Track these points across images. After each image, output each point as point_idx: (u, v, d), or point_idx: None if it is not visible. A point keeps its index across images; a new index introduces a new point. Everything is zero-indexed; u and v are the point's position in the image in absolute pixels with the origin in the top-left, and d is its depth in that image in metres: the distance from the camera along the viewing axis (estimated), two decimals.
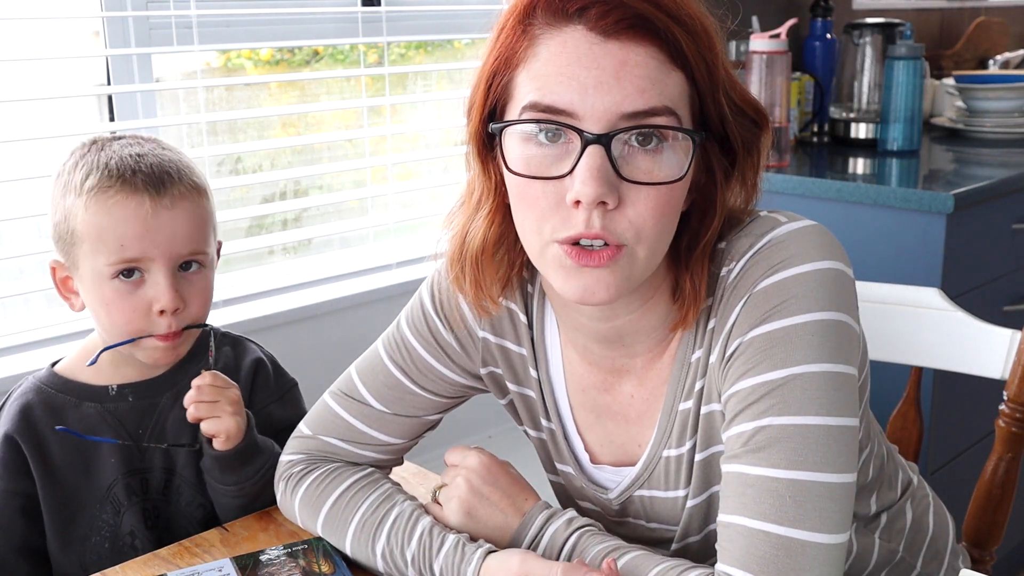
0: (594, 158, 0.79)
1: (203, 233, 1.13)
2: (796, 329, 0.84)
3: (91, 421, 1.14)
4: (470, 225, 0.91)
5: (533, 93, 0.81)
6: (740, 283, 0.87)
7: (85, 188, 1.08)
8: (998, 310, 2.07)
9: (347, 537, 1.00)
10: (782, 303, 0.85)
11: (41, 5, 1.68)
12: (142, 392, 1.16)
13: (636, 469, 0.98)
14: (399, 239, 2.18)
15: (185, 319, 1.12)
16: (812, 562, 0.80)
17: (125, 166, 1.09)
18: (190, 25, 1.77)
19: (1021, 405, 1.21)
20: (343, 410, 1.07)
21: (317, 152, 2.09)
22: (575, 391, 1.01)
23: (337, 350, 1.94)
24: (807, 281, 0.85)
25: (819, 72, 2.56)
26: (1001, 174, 2.00)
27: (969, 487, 1.28)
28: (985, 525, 1.26)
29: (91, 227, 1.08)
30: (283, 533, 1.08)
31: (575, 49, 0.79)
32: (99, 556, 1.14)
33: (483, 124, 0.87)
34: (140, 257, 1.08)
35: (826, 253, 0.87)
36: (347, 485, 1.03)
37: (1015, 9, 3.66)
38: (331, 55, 2.11)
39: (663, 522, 1.00)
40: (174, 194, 1.10)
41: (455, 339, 1.03)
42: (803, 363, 0.83)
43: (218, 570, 0.99)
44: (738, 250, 0.89)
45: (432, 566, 0.93)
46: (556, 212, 0.81)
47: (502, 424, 1.94)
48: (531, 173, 0.82)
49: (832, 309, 0.85)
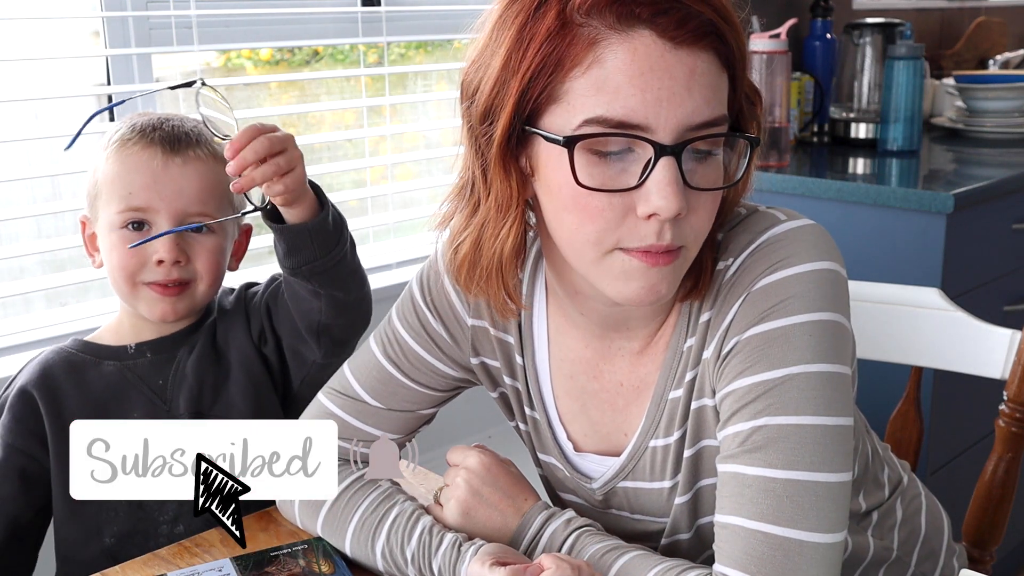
0: (670, 171, 0.77)
1: (215, 198, 1.15)
2: (794, 329, 0.84)
3: (111, 379, 1.16)
4: (496, 233, 0.87)
5: (602, 106, 0.77)
6: (738, 280, 0.87)
7: (110, 142, 1.15)
8: (998, 310, 2.07)
9: (347, 536, 1.00)
10: (780, 302, 0.85)
11: (41, 5, 1.68)
12: (160, 348, 1.18)
13: (621, 459, 0.98)
14: (399, 239, 2.18)
15: (188, 275, 1.14)
16: (810, 562, 0.80)
17: (149, 125, 1.15)
18: (190, 25, 1.77)
19: (1021, 405, 1.21)
20: (338, 408, 1.07)
21: (317, 152, 2.09)
22: (560, 379, 1.01)
23: None
24: (805, 281, 0.85)
25: (819, 72, 2.56)
26: (1001, 174, 2.00)
27: (969, 487, 1.28)
28: (985, 525, 1.26)
29: (108, 176, 1.13)
30: (283, 533, 1.08)
31: (647, 57, 0.76)
32: (115, 521, 1.14)
33: (511, 127, 0.82)
34: (146, 207, 1.11)
35: (824, 253, 0.87)
36: (346, 484, 1.03)
37: (1015, 9, 3.66)
38: (331, 55, 2.11)
39: (648, 514, 0.99)
40: (188, 154, 1.14)
41: (445, 330, 1.04)
42: (800, 363, 0.83)
43: (218, 570, 0.99)
44: (737, 245, 0.89)
45: (431, 564, 0.93)
46: (622, 223, 0.80)
47: (502, 424, 1.92)
48: (597, 185, 0.79)
49: (829, 310, 0.85)
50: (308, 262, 1.08)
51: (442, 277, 1.03)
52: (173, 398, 1.17)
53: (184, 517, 1.15)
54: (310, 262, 1.08)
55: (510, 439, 1.12)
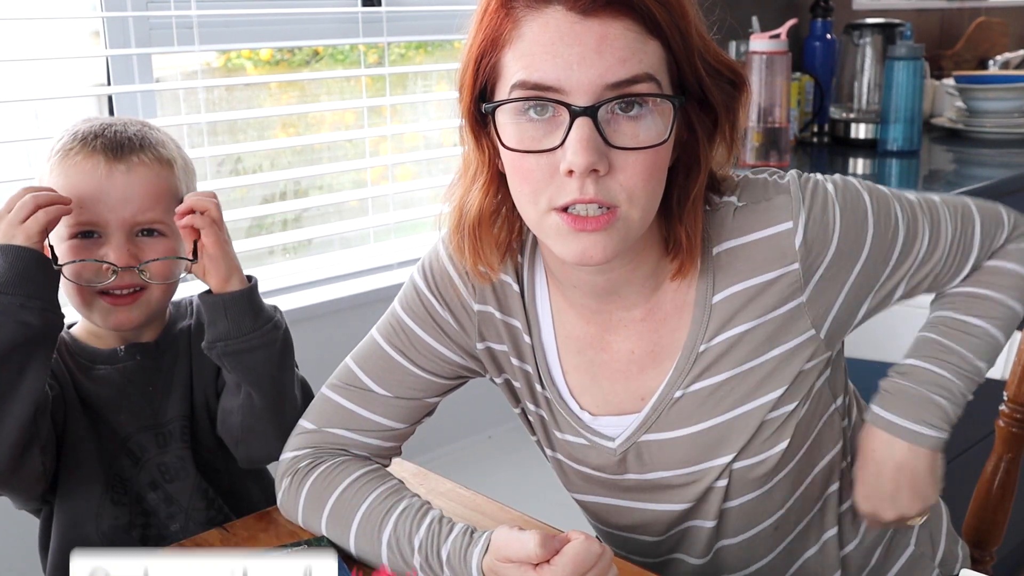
0: (583, 129, 0.84)
1: (165, 204, 1.12)
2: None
3: (106, 382, 1.14)
4: (467, 197, 0.96)
5: (521, 72, 0.86)
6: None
7: (52, 152, 1.11)
8: None
9: (352, 525, 1.01)
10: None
11: (41, 5, 1.68)
12: (148, 351, 1.17)
13: (644, 413, 1.00)
14: (399, 239, 2.18)
15: (141, 281, 1.10)
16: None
17: (90, 132, 1.11)
18: (190, 25, 1.77)
19: (1021, 405, 1.21)
20: (344, 399, 1.08)
21: (317, 152, 2.09)
22: (568, 356, 1.03)
23: (337, 350, 1.93)
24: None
25: (819, 72, 2.56)
26: (1001, 174, 2.00)
27: (969, 487, 1.28)
28: (985, 525, 1.26)
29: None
30: (283, 533, 1.08)
31: (556, 28, 0.84)
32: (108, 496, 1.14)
33: (474, 103, 0.91)
34: (95, 221, 1.09)
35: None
36: (355, 477, 1.04)
37: (1015, 9, 3.66)
38: (331, 55, 2.11)
39: (663, 468, 1.02)
40: (132, 160, 1.10)
41: (451, 315, 1.06)
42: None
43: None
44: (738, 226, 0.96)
45: (439, 551, 0.94)
46: (551, 182, 0.87)
47: (502, 424, 1.93)
48: (524, 147, 0.87)
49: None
50: (221, 338, 1.09)
51: (446, 265, 1.05)
52: (161, 406, 1.16)
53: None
54: (223, 339, 1.09)
55: (510, 440, 1.12)
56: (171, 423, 1.16)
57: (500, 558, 0.87)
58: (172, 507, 1.16)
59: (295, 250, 2.06)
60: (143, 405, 1.16)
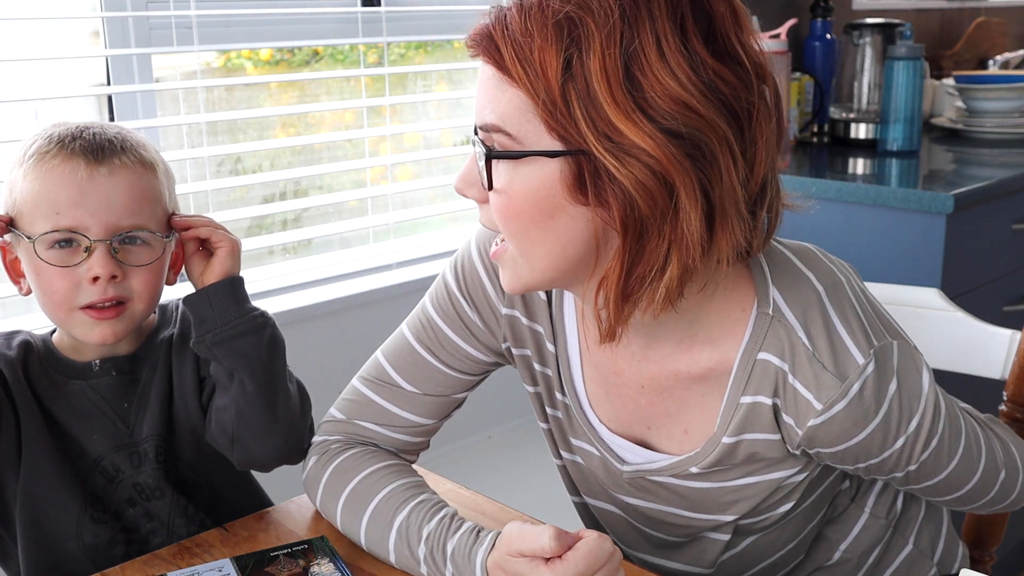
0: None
1: (148, 209, 1.08)
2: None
3: (78, 398, 1.11)
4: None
5: None
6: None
7: (26, 156, 1.06)
8: (998, 310, 2.07)
9: (368, 508, 1.01)
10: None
11: (41, 5, 1.68)
12: (124, 366, 1.13)
13: (658, 464, 0.99)
14: (399, 239, 2.18)
15: (125, 292, 1.06)
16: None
17: (68, 135, 1.06)
18: (190, 25, 1.77)
19: (1021, 405, 1.21)
20: (375, 395, 1.09)
21: (317, 152, 2.09)
22: (588, 367, 1.03)
23: (337, 350, 1.95)
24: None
25: (819, 72, 2.56)
26: (1001, 174, 2.00)
27: None
28: (985, 525, 1.26)
29: (29, 195, 1.04)
30: (283, 533, 1.08)
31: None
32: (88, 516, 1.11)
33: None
34: (75, 226, 1.03)
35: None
36: (381, 466, 1.05)
37: (1015, 9, 3.66)
38: (331, 55, 2.11)
39: (667, 504, 1.02)
40: (114, 163, 1.05)
41: (479, 316, 1.06)
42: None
43: (218, 570, 0.99)
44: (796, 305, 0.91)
45: (445, 545, 0.94)
46: None
47: (502, 424, 1.93)
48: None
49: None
50: (208, 328, 1.07)
51: (476, 265, 1.05)
52: (136, 424, 1.12)
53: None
54: (211, 328, 1.07)
55: (510, 440, 1.12)
56: (146, 442, 1.12)
57: (511, 552, 0.87)
58: (152, 523, 1.13)
59: (295, 250, 2.06)
60: (117, 424, 1.12)
